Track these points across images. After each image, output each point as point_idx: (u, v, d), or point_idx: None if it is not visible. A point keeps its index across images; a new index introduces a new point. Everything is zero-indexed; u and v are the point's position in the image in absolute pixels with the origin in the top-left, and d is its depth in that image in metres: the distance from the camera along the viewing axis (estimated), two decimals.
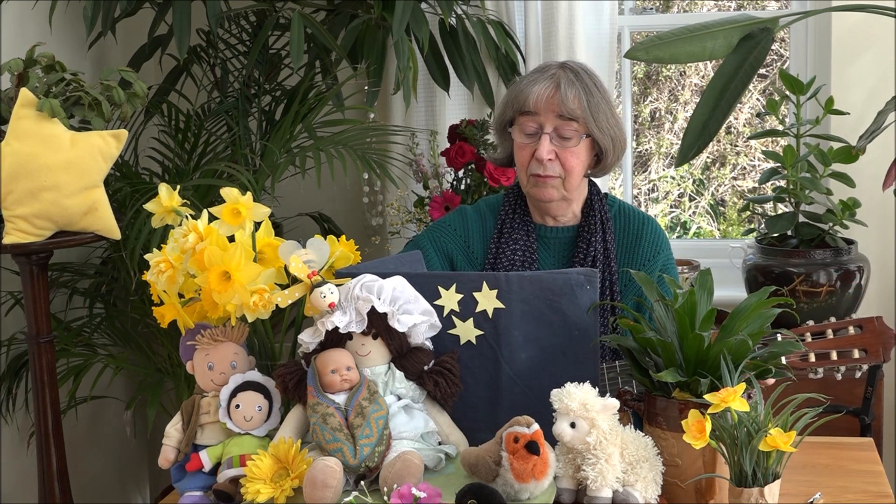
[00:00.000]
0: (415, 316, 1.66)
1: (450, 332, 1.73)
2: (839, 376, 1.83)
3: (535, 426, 1.52)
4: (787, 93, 2.75)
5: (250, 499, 1.54)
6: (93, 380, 2.66)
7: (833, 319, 1.81)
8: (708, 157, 4.54)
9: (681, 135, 2.52)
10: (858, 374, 1.85)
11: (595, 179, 2.23)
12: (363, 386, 1.61)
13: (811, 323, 1.82)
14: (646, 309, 2.07)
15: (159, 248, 1.72)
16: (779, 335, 1.78)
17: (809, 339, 1.78)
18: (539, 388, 1.68)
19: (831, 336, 1.78)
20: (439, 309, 1.71)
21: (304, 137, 2.73)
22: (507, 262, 2.12)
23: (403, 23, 2.52)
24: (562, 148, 2.09)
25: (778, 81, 3.19)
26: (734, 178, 4.56)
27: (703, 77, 4.51)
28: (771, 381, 1.71)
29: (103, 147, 2.12)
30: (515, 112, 2.13)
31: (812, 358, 1.76)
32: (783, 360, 1.75)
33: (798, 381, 1.66)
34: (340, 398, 1.60)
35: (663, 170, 4.57)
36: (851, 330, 1.78)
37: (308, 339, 1.66)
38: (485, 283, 1.72)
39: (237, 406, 1.64)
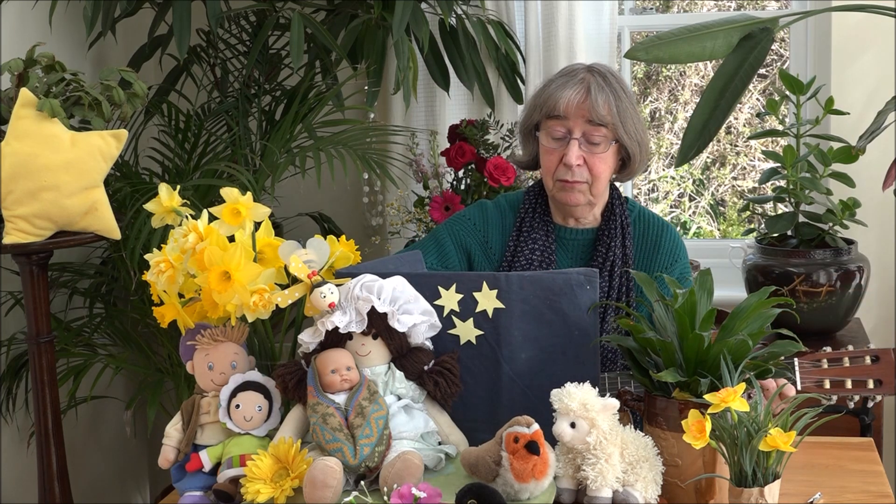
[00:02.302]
0: (415, 316, 1.66)
1: (450, 332, 1.73)
2: (852, 404, 1.83)
3: (535, 426, 1.52)
4: (787, 93, 2.75)
5: (250, 499, 1.54)
6: (93, 380, 2.66)
7: (851, 347, 1.81)
8: (708, 157, 4.54)
9: (681, 135, 2.52)
10: (871, 404, 1.86)
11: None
12: (363, 386, 1.61)
13: (828, 349, 1.82)
14: (643, 307, 2.08)
15: (159, 248, 1.73)
16: (796, 361, 1.79)
17: (825, 366, 1.78)
18: (539, 388, 1.68)
19: (847, 364, 1.77)
20: (439, 309, 1.71)
21: (304, 137, 2.73)
22: (524, 261, 2.11)
23: (403, 23, 2.52)
24: (590, 153, 2.07)
25: (778, 81, 3.19)
26: (734, 178, 4.56)
27: (703, 77, 4.51)
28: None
29: (103, 147, 2.12)
30: (543, 116, 2.11)
31: (827, 385, 1.76)
32: (798, 384, 1.76)
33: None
34: (340, 398, 1.60)
35: (663, 170, 4.57)
36: (867, 360, 1.78)
37: (308, 339, 1.66)
38: (485, 283, 1.72)
39: (237, 406, 1.64)
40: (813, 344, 2.05)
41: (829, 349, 1.82)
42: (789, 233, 2.77)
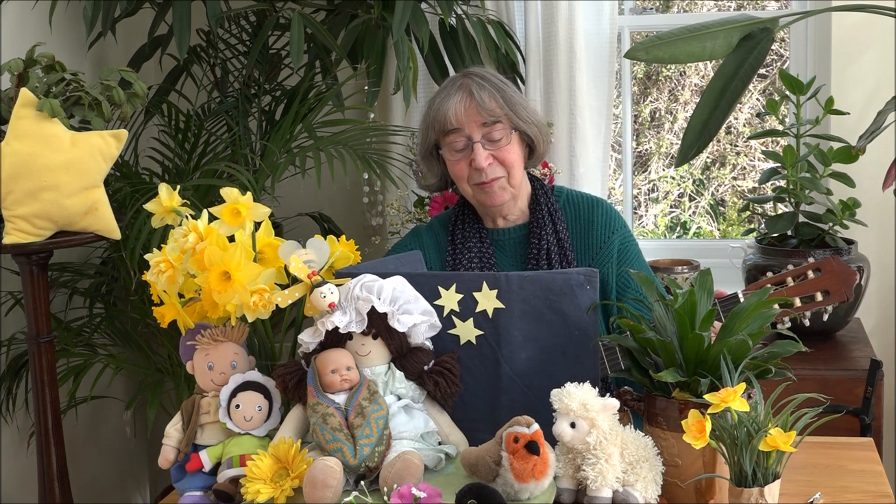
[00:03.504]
0: (415, 316, 1.66)
1: (450, 332, 1.73)
2: (807, 322, 1.82)
3: (535, 426, 1.52)
4: (787, 93, 2.75)
5: (250, 499, 1.54)
6: (93, 380, 2.66)
7: (791, 267, 1.81)
8: (708, 157, 4.54)
9: (681, 135, 2.52)
10: (826, 317, 1.85)
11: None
12: (363, 386, 1.61)
13: (769, 275, 1.81)
14: (611, 290, 2.10)
15: (159, 248, 1.73)
16: (740, 294, 1.78)
17: (771, 291, 1.78)
18: (539, 387, 1.68)
19: (792, 284, 1.78)
20: (439, 309, 1.71)
21: (304, 137, 2.73)
22: (465, 272, 2.14)
23: (403, 23, 2.52)
24: (496, 150, 2.11)
25: (778, 81, 3.19)
26: (734, 178, 4.56)
27: (703, 77, 4.51)
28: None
29: (103, 147, 2.12)
30: (439, 133, 2.15)
31: (776, 307, 1.77)
32: None
33: (798, 381, 1.66)
34: (340, 398, 1.60)
35: (663, 170, 4.57)
36: (811, 274, 1.77)
37: (308, 339, 1.66)
38: (485, 283, 1.72)
39: (237, 406, 1.64)
40: (813, 344, 2.05)
41: (770, 274, 1.82)
42: (789, 233, 2.78)
